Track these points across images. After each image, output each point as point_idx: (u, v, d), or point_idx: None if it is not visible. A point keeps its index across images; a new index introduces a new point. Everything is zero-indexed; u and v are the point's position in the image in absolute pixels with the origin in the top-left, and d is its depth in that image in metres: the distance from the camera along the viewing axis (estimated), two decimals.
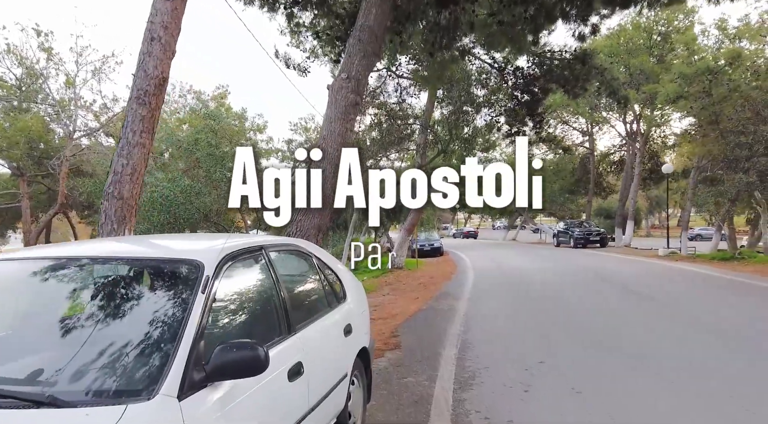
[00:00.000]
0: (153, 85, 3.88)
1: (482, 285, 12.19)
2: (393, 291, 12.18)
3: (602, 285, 11.40)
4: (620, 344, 5.88)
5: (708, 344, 5.83)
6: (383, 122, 13.77)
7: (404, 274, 15.78)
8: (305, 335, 2.52)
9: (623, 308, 8.41)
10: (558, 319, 7.60)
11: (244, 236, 2.78)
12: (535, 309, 8.62)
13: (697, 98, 18.04)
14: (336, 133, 6.91)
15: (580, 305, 8.84)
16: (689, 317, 7.46)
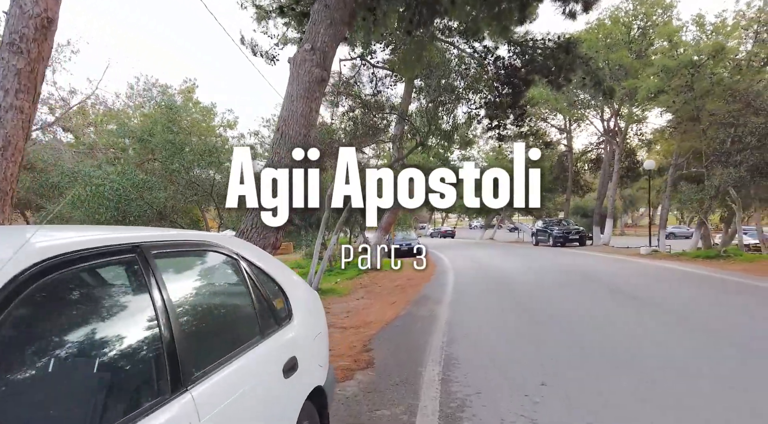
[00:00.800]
0: (32, 28, 2.84)
1: (464, 287, 11.34)
2: (368, 294, 11.23)
3: (593, 287, 10.68)
4: (632, 359, 5.05)
5: (733, 358, 5.05)
6: (357, 114, 12.81)
7: (381, 275, 14.85)
8: (208, 391, 1.54)
9: (624, 315, 7.64)
10: (553, 328, 6.76)
11: (105, 229, 1.66)
12: (526, 316, 7.78)
13: (679, 92, 17.63)
14: (298, 114, 5.92)
15: (575, 311, 8.04)
16: (702, 326, 6.71)
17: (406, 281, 13.24)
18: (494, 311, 8.21)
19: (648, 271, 13.37)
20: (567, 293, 10.00)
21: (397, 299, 9.95)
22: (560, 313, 7.79)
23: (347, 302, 10.10)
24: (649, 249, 18.49)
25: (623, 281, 11.27)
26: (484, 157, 36.14)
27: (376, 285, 12.85)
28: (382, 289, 12.01)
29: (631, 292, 9.61)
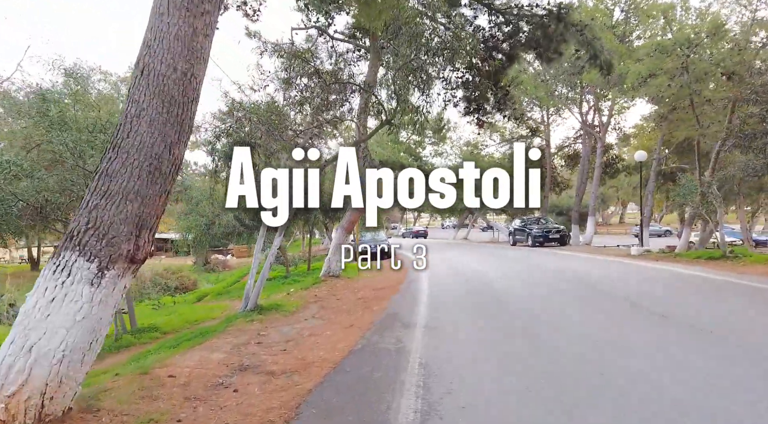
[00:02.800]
0: None
1: (441, 301, 9.13)
2: (322, 311, 8.90)
3: (600, 299, 8.63)
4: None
5: None
6: (312, 87, 10.47)
7: (342, 283, 12.53)
8: None
9: (665, 347, 5.56)
10: (574, 373, 4.59)
11: None
12: (530, 348, 5.61)
13: (673, 75, 15.95)
14: (172, 36, 3.57)
15: (595, 339, 5.91)
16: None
17: (372, 291, 10.97)
18: (486, 342, 6.01)
19: (653, 275, 11.47)
20: (573, 308, 7.90)
21: (356, 320, 7.66)
22: (576, 343, 5.64)
23: (292, 324, 7.75)
24: (641, 249, 16.76)
25: (634, 291, 9.27)
26: (459, 153, 34.25)
27: (335, 297, 10.53)
28: (340, 303, 9.70)
29: (651, 306, 7.58)
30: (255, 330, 7.23)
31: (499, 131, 29.82)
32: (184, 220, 16.05)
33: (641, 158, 16.80)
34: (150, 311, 13.26)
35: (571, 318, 7.04)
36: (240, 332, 7.18)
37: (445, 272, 14.04)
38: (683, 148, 26.36)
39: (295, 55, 10.25)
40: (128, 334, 8.49)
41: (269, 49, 12.17)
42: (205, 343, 6.59)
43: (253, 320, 7.85)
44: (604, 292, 9.18)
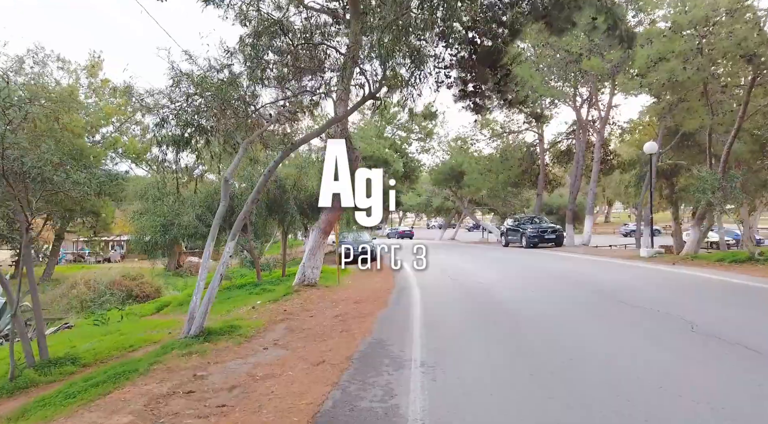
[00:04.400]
0: None
1: (439, 319, 7.30)
2: (288, 335, 7.01)
3: (632, 316, 6.87)
4: None
5: None
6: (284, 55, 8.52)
7: (318, 294, 10.62)
8: None
9: (750, 388, 3.80)
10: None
11: None
12: (573, 400, 3.78)
13: (687, 58, 14.38)
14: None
15: (649, 380, 4.12)
16: None
17: (354, 305, 9.09)
18: (510, 391, 4.17)
19: (684, 283, 9.80)
20: (606, 331, 6.13)
21: (330, 351, 5.78)
22: (629, 388, 3.84)
23: (246, 357, 5.84)
24: (652, 251, 15.18)
25: (671, 304, 7.52)
26: (447, 149, 32.53)
27: (308, 313, 8.62)
28: (313, 322, 7.80)
29: (707, 328, 5.83)
30: (191, 369, 5.30)
31: (489, 125, 28.14)
32: (138, 220, 13.98)
33: (651, 150, 15.24)
34: (89, 328, 11.19)
35: (607, 348, 5.26)
36: (169, 372, 5.24)
37: (438, 279, 12.22)
38: (683, 143, 25.09)
39: (263, 21, 8.30)
40: (34, 368, 6.46)
41: (232, 15, 10.19)
42: (113, 393, 4.65)
43: (192, 352, 5.91)
44: (633, 305, 7.43)
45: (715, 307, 7.45)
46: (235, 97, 7.74)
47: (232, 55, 8.31)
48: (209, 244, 7.11)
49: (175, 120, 8.27)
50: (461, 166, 29.27)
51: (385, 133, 33.82)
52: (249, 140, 8.04)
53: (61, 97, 25.47)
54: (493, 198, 33.56)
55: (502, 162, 27.02)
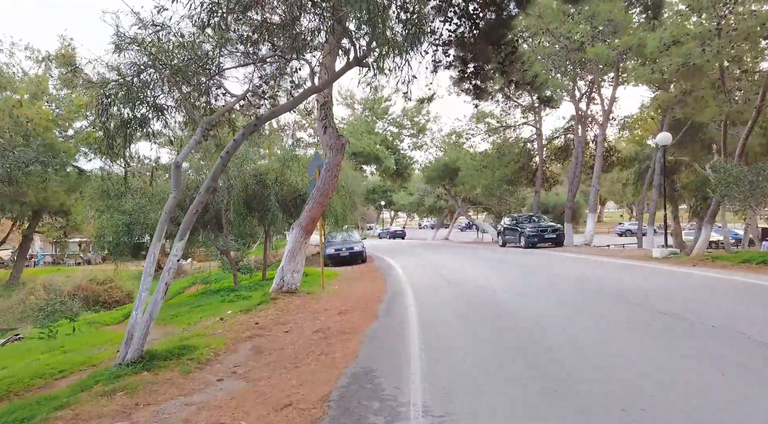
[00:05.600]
0: None
1: (440, 338, 5.91)
2: (253, 360, 5.60)
3: (698, 338, 5.53)
4: None
5: None
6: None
7: (298, 303, 9.20)
8: None
9: None
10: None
11: None
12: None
13: (704, 40, 13.18)
14: None
15: None
16: None
17: (338, 317, 7.69)
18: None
19: (725, 289, 8.50)
20: (663, 354, 4.78)
21: (300, 387, 4.38)
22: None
23: (189, 395, 4.43)
24: (666, 251, 13.94)
25: (729, 318, 6.21)
26: (441, 144, 31.19)
27: (282, 328, 7.21)
28: (287, 341, 6.39)
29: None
30: (109, 417, 3.88)
31: (486, 118, 26.83)
32: (98, 219, 12.49)
33: (665, 141, 14.00)
34: (35, 343, 9.69)
35: (669, 382, 3.92)
36: (79, 420, 3.82)
37: (434, 283, 10.85)
38: (686, 138, 24.00)
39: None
40: None
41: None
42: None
43: (118, 388, 4.49)
44: (676, 317, 6.12)
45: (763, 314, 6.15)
46: (191, 65, 6.32)
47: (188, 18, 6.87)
48: (155, 245, 5.67)
49: (124, 97, 6.83)
50: (455, 162, 27.97)
51: (376, 128, 32.46)
52: (209, 120, 6.62)
53: (28, 88, 23.85)
54: (489, 196, 32.29)
55: (499, 158, 25.73)
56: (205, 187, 5.86)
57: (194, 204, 5.74)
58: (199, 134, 6.39)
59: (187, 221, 5.69)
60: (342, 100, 33.04)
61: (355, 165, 28.46)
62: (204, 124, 6.49)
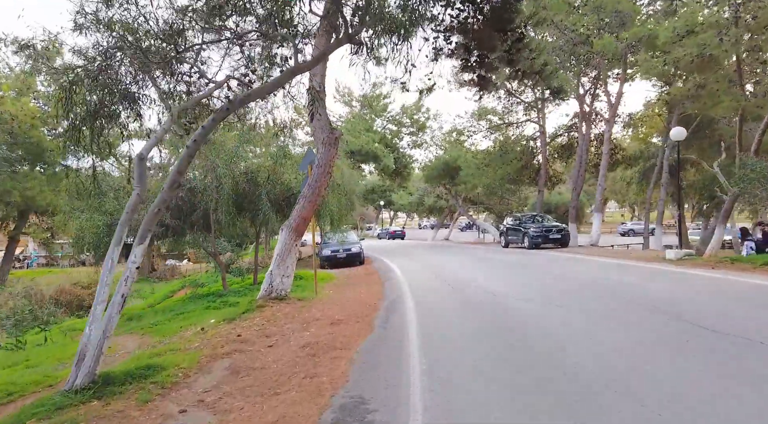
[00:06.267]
0: None
1: (446, 356, 5.12)
2: (226, 384, 4.82)
3: (749, 359, 4.75)
4: None
5: None
6: None
7: (287, 311, 8.41)
8: None
9: None
10: None
11: None
12: None
13: (722, 28, 12.41)
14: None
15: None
16: None
17: (329, 329, 6.90)
18: None
19: (760, 297, 7.72)
20: (717, 381, 4.00)
21: (277, 423, 3.60)
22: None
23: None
24: (680, 252, 13.17)
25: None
26: (441, 143, 30.40)
27: (266, 341, 6.43)
28: (269, 359, 5.60)
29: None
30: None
31: (488, 114, 26.04)
32: (76, 219, 11.69)
33: (679, 136, 13.22)
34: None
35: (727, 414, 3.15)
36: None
37: (436, 288, 10.07)
38: (694, 135, 23.25)
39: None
40: None
41: None
42: None
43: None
44: (716, 332, 5.34)
45: None
46: (159, 41, 5.54)
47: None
48: (113, 249, 4.88)
49: (91, 84, 6.05)
50: (456, 161, 27.18)
51: (375, 126, 31.65)
52: (182, 106, 5.83)
53: (14, 84, 23.05)
54: (490, 196, 31.51)
55: (501, 156, 24.92)
56: (170, 183, 5.06)
57: (156, 202, 4.96)
58: (168, 122, 5.61)
59: (147, 223, 4.90)
60: (340, 97, 32.28)
61: (353, 164, 27.68)
62: (176, 111, 5.71)
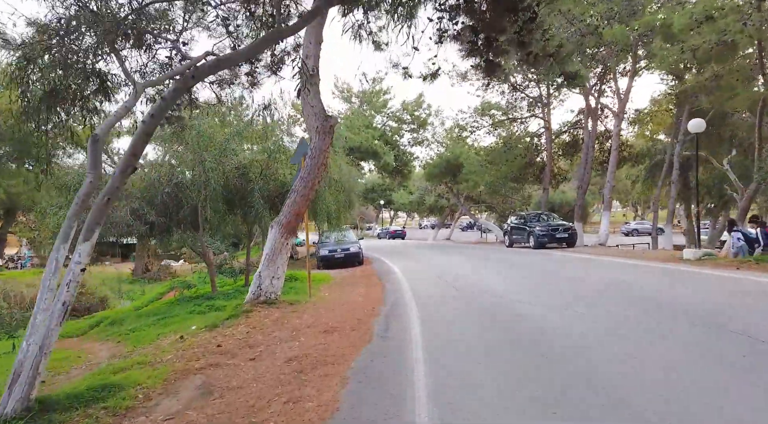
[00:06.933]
0: None
1: (454, 378, 4.31)
2: (193, 409, 4.01)
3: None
4: None
5: None
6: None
7: (275, 317, 7.59)
8: None
9: None
10: None
11: None
12: None
13: (743, 13, 11.62)
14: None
15: None
16: None
17: (321, 338, 6.09)
18: None
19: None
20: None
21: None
22: None
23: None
24: (699, 252, 12.35)
25: None
26: (442, 139, 29.59)
27: (249, 353, 5.61)
28: (248, 377, 4.79)
29: None
30: None
31: (492, 108, 25.23)
32: (53, 217, 10.88)
33: (699, 128, 12.42)
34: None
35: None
36: None
37: (440, 291, 9.25)
38: (705, 131, 22.44)
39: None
40: None
41: None
42: None
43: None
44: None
45: None
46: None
47: None
48: (58, 248, 4.06)
49: (50, 59, 5.27)
50: (458, 158, 26.37)
51: (375, 123, 30.82)
52: (148, 83, 5.03)
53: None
54: (493, 194, 30.69)
55: (506, 152, 24.10)
56: (122, 167, 4.23)
57: (105, 190, 4.13)
58: (132, 100, 4.80)
59: (95, 215, 4.07)
60: (338, 93, 31.46)
61: (352, 161, 26.86)
62: (142, 87, 4.90)
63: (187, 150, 12.21)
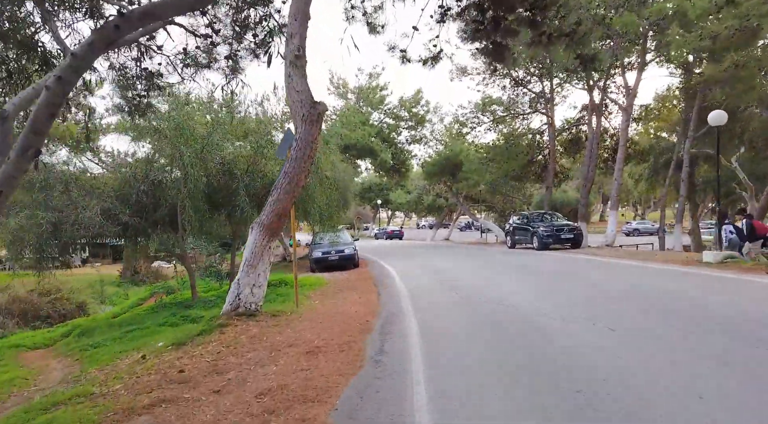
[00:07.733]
0: None
1: (470, 416, 3.33)
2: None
3: None
4: None
5: None
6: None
7: (254, 333, 6.57)
8: None
9: None
10: None
11: None
12: None
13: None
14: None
15: None
16: None
17: (303, 363, 5.09)
18: None
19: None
20: None
21: None
22: None
23: None
24: (720, 255, 11.41)
25: None
26: (441, 137, 28.61)
27: (213, 384, 4.61)
28: (207, 418, 3.78)
29: None
30: None
31: (493, 104, 24.26)
32: (14, 217, 9.88)
33: (720, 121, 11.48)
34: None
35: None
36: None
37: (444, 302, 8.26)
38: (712, 128, 21.56)
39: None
40: None
41: None
42: None
43: None
44: None
45: None
46: None
47: None
48: None
49: None
50: (458, 156, 25.41)
51: (372, 120, 29.81)
52: (82, 49, 4.01)
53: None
54: (493, 193, 29.75)
55: (507, 149, 23.14)
56: (21, 148, 3.19)
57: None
58: (64, 69, 3.78)
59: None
60: (334, 89, 30.45)
61: (348, 159, 25.87)
62: (81, 50, 3.88)
63: (164, 143, 11.22)
